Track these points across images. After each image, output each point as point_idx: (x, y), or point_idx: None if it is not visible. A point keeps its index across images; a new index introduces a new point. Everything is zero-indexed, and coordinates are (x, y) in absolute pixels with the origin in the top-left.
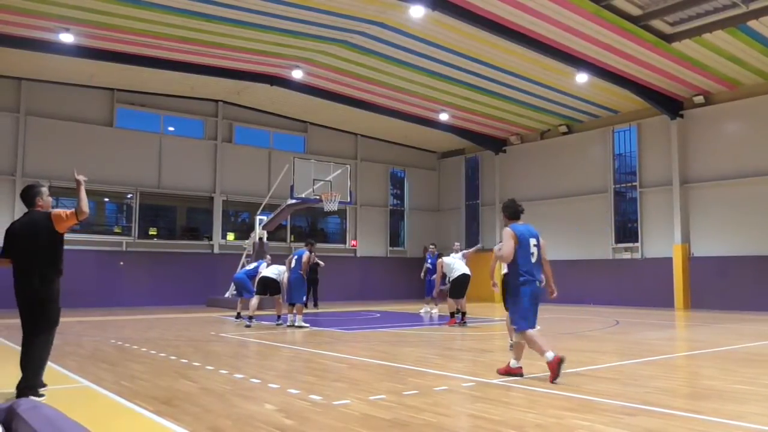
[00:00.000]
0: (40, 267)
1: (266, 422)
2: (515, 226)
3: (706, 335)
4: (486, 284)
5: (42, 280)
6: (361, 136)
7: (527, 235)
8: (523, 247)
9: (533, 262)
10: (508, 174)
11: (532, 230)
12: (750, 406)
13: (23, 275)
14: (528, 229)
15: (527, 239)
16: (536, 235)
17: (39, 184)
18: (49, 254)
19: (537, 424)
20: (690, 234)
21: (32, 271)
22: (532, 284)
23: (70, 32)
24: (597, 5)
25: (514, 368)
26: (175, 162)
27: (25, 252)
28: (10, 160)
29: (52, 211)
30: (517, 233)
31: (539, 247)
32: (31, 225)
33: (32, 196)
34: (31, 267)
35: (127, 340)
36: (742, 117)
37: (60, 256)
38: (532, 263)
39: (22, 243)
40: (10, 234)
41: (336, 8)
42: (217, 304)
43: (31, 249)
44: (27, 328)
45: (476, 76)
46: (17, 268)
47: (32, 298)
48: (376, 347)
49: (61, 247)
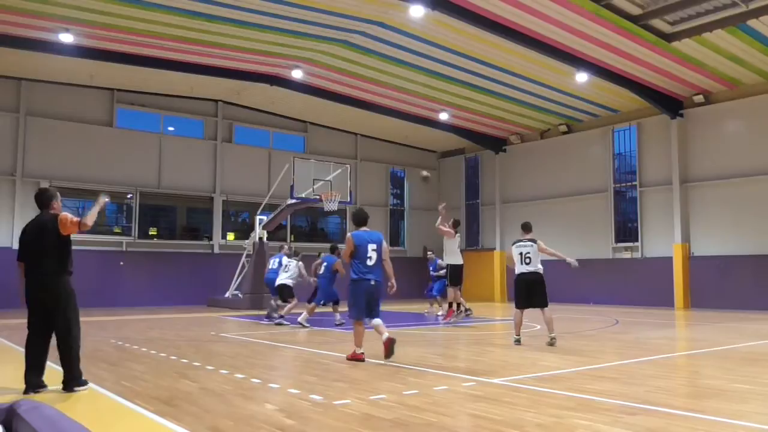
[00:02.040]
0: (47, 266)
1: (267, 422)
2: (356, 233)
3: (706, 334)
4: (485, 284)
5: (50, 279)
6: (361, 136)
7: (367, 241)
8: (361, 251)
9: (370, 264)
10: (508, 173)
11: (374, 236)
12: (750, 405)
13: (33, 275)
14: (370, 235)
15: (366, 244)
16: (377, 240)
17: (55, 190)
18: (56, 254)
19: (537, 423)
20: (690, 233)
21: (41, 270)
22: (366, 282)
23: (69, 32)
24: (597, 4)
25: (357, 354)
26: (175, 162)
27: (34, 252)
28: (10, 161)
29: (60, 215)
30: (357, 239)
31: (379, 251)
32: (40, 226)
33: (48, 198)
34: (39, 266)
35: (128, 340)
36: (742, 116)
37: (67, 257)
38: (368, 265)
39: (31, 244)
40: (22, 236)
41: (336, 8)
42: (218, 304)
43: (39, 249)
44: (48, 328)
45: (476, 75)
46: (27, 268)
47: (44, 298)
48: (376, 347)
49: (67, 248)
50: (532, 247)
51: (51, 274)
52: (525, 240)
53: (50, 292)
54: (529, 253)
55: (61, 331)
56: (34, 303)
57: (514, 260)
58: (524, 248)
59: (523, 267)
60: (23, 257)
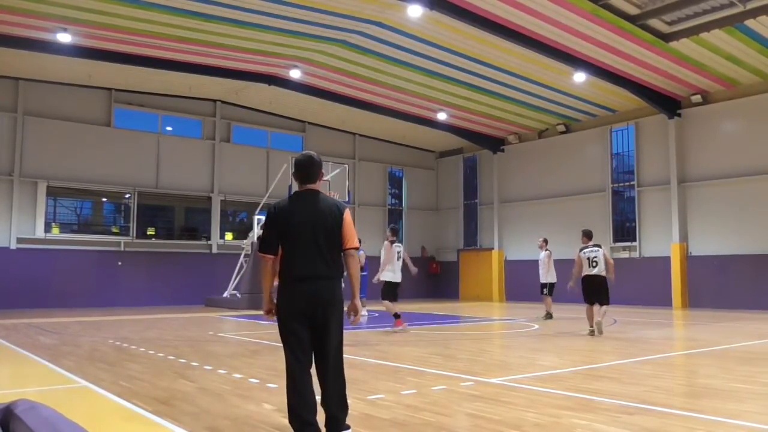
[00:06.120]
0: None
1: (265, 422)
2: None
3: (704, 334)
4: (484, 283)
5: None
6: (359, 136)
7: None
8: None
9: None
10: (506, 173)
11: None
12: (748, 405)
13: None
14: None
15: None
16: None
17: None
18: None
19: (535, 423)
20: (688, 233)
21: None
22: None
23: (67, 32)
24: (595, 5)
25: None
26: (173, 162)
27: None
28: (8, 160)
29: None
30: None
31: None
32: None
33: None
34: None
35: (126, 340)
36: (740, 116)
37: None
38: None
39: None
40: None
41: (334, 8)
42: (216, 303)
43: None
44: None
45: (474, 75)
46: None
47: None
48: (375, 346)
49: None
50: (599, 251)
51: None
52: (591, 246)
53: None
54: (597, 257)
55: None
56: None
57: (582, 267)
58: (592, 253)
59: (590, 269)
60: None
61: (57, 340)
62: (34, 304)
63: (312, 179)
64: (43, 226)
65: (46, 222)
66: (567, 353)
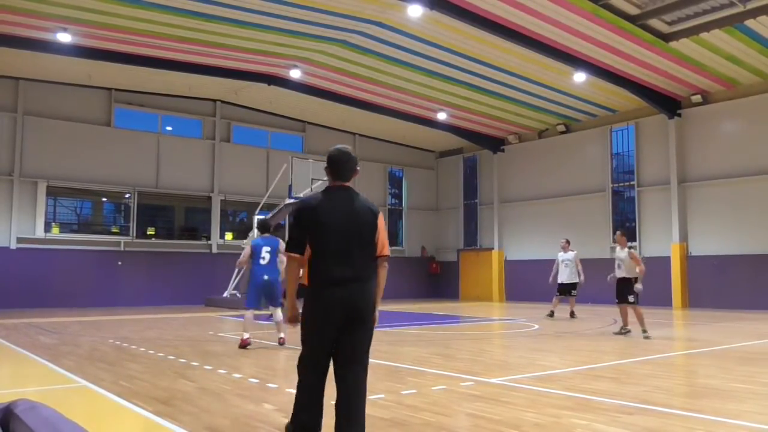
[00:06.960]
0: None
1: (265, 422)
2: (255, 240)
3: (704, 334)
4: (484, 283)
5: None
6: (359, 136)
7: (261, 245)
8: (256, 253)
9: (263, 263)
10: (506, 173)
11: (270, 241)
12: (748, 405)
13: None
14: (265, 241)
15: (260, 248)
16: (272, 245)
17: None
18: None
19: (535, 423)
20: (688, 233)
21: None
22: (259, 277)
23: (67, 32)
24: (595, 4)
25: (244, 339)
26: (173, 162)
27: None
28: (8, 161)
29: None
30: (253, 244)
31: (273, 252)
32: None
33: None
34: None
35: (126, 339)
36: (740, 116)
37: None
38: (261, 264)
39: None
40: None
41: (334, 8)
42: (216, 303)
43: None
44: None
45: (474, 75)
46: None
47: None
48: (375, 346)
49: None
50: (625, 254)
51: None
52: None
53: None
54: (623, 260)
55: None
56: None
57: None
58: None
59: (617, 271)
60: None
61: (57, 340)
62: (34, 303)
63: (347, 176)
64: (43, 226)
65: (46, 222)
66: (567, 353)
